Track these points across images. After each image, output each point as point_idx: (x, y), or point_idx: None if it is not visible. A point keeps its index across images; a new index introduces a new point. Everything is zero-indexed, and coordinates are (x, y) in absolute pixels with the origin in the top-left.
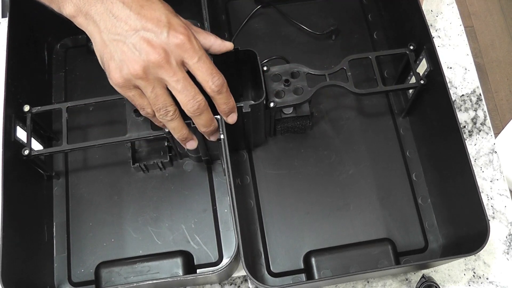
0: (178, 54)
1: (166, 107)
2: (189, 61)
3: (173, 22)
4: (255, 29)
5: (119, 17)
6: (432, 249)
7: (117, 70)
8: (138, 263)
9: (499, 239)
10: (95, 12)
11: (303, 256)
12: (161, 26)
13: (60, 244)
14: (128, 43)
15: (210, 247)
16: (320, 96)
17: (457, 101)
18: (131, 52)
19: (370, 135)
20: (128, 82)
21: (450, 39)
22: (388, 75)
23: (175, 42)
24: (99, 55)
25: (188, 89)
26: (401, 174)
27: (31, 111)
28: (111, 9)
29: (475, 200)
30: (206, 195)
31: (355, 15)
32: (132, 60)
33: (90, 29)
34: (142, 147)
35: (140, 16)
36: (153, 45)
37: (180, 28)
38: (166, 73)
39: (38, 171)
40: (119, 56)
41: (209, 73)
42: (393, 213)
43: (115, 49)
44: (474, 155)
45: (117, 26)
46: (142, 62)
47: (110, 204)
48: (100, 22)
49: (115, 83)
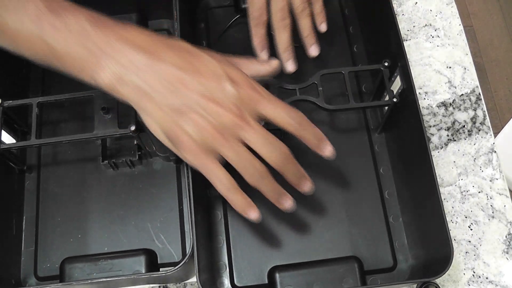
0: (250, 107)
1: (254, 165)
2: (263, 110)
3: (230, 72)
4: (234, 38)
5: (175, 82)
6: (400, 269)
7: (191, 141)
8: (102, 260)
9: (499, 239)
10: (144, 81)
11: (268, 271)
12: (224, 83)
13: (29, 238)
14: (195, 109)
15: (174, 246)
16: None
17: (456, 100)
18: (202, 118)
19: (343, 150)
20: (205, 151)
21: (449, 38)
22: (366, 89)
23: (242, 95)
24: (160, 131)
25: (270, 141)
26: (373, 191)
27: (3, 104)
28: (162, 75)
29: (441, 223)
30: (174, 194)
31: (336, 27)
32: (205, 127)
33: (139, 101)
34: (113, 145)
35: (196, 76)
36: (223, 105)
37: (239, 76)
38: (243, 130)
39: (10, 165)
40: (190, 126)
41: (286, 113)
42: (363, 231)
43: (184, 120)
44: (474, 154)
45: (176, 93)
46: (217, 125)
47: (79, 200)
48: (153, 92)
49: (190, 155)
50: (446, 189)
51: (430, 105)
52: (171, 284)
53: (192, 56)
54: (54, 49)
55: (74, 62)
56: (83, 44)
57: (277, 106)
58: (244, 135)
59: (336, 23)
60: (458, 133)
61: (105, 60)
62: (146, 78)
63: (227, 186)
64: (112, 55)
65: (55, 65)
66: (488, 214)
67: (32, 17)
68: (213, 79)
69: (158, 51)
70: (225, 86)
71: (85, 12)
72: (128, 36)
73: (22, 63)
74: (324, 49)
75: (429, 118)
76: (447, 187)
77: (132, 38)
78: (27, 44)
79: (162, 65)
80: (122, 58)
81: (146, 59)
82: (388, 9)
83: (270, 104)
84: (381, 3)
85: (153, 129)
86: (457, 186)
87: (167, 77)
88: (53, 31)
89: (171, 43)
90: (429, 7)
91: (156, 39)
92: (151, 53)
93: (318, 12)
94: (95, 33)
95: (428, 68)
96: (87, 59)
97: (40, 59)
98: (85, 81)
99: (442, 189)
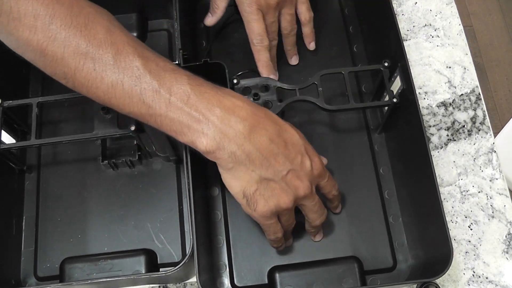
0: (316, 181)
1: (292, 225)
2: (321, 182)
3: (309, 150)
4: (233, 37)
5: (268, 155)
6: (400, 269)
7: (266, 205)
8: (102, 260)
9: (499, 239)
10: (242, 150)
11: (268, 271)
12: (305, 160)
13: (29, 239)
14: (279, 182)
15: (174, 246)
16: (293, 110)
17: (456, 100)
18: (282, 189)
19: (343, 150)
20: (274, 214)
21: (449, 38)
22: (366, 89)
23: (317, 172)
24: (241, 191)
25: (322, 208)
26: (373, 191)
27: (3, 104)
28: (258, 146)
29: (440, 223)
30: (173, 194)
31: (336, 27)
32: (283, 196)
33: (232, 166)
34: (113, 145)
35: (287, 153)
36: (302, 179)
37: (315, 155)
38: (308, 200)
39: (10, 165)
40: (269, 193)
41: (333, 185)
42: (363, 231)
43: (265, 187)
44: (474, 154)
45: (267, 166)
46: (292, 197)
47: (79, 200)
48: (249, 161)
49: (262, 215)
50: (446, 189)
51: (430, 105)
52: (171, 284)
53: (281, 128)
54: (152, 109)
55: (173, 124)
56: (185, 109)
57: (329, 179)
58: (306, 203)
59: (336, 23)
60: (458, 133)
61: (207, 127)
62: (245, 148)
63: (279, 238)
64: (216, 123)
65: (151, 123)
66: (488, 214)
67: (132, 78)
68: (299, 157)
69: (256, 122)
70: (305, 162)
71: (184, 74)
72: (228, 103)
73: (22, 63)
74: (324, 49)
75: (429, 118)
76: (447, 187)
77: (232, 106)
78: (124, 101)
79: (260, 138)
80: (225, 127)
81: (247, 130)
82: (388, 9)
83: (329, 180)
84: (381, 3)
85: (233, 188)
86: (457, 186)
87: (262, 150)
88: (152, 93)
89: (266, 114)
90: (429, 7)
91: (254, 110)
92: (251, 125)
93: (308, 34)
94: (197, 98)
95: (428, 68)
96: (188, 123)
97: (135, 116)
98: (180, 141)
99: (442, 189)
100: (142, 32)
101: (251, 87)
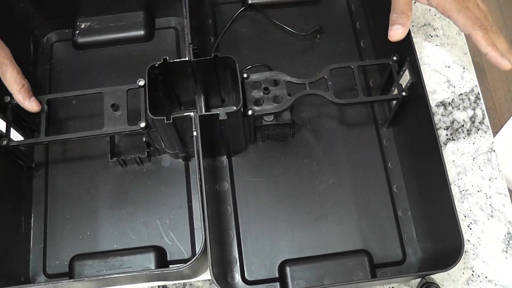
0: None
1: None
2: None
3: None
4: (241, 33)
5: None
6: (410, 262)
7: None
8: (111, 257)
9: (498, 238)
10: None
11: (278, 265)
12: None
13: (37, 236)
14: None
15: (183, 243)
16: (302, 104)
17: (456, 100)
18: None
19: (352, 144)
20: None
21: (448, 38)
22: (373, 84)
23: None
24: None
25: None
26: (381, 185)
27: (12, 102)
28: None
29: (451, 216)
30: (182, 191)
31: (343, 22)
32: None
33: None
34: (121, 142)
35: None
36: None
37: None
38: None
39: (18, 162)
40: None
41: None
42: (372, 225)
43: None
44: (473, 154)
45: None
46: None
47: (88, 197)
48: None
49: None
50: None
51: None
52: (171, 284)
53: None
54: None
55: None
56: None
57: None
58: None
59: (343, 19)
60: (457, 132)
61: None
62: None
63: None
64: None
65: None
66: (487, 213)
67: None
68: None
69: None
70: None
71: None
72: None
73: (29, 61)
74: (332, 45)
75: None
76: None
77: None
78: None
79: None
80: None
81: None
82: None
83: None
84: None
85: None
86: (456, 186)
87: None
88: None
89: None
90: (428, 7)
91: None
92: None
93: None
94: None
95: (427, 68)
96: None
97: None
98: None
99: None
100: (150, 30)
101: (261, 82)
